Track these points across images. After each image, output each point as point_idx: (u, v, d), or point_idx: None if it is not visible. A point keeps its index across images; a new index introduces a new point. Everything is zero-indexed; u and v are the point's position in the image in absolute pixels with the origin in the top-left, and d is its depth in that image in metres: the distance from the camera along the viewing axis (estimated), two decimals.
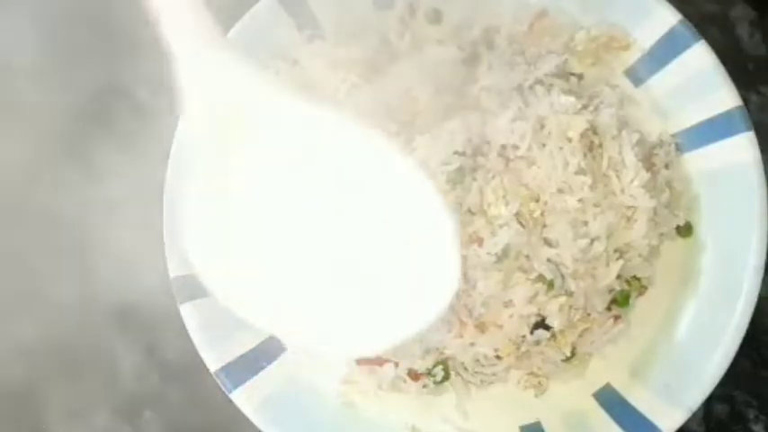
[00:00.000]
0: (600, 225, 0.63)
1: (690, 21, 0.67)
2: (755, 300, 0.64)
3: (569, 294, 0.63)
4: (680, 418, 0.64)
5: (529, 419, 0.67)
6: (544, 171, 0.62)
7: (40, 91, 0.76)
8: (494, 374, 0.66)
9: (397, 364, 0.65)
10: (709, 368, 0.64)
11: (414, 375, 0.66)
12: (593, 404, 0.67)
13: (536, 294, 0.62)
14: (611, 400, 0.66)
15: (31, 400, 0.73)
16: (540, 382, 0.67)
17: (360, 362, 0.67)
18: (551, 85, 0.65)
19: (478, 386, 0.67)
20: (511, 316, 0.63)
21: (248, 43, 0.69)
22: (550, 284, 0.62)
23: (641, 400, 0.66)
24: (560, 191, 0.62)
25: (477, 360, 0.65)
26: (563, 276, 0.63)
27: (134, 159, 0.75)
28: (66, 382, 0.73)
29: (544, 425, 0.67)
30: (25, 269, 0.75)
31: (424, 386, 0.66)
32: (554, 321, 0.63)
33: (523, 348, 0.64)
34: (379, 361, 0.66)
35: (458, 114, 0.64)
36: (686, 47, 0.67)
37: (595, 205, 0.63)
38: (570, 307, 0.64)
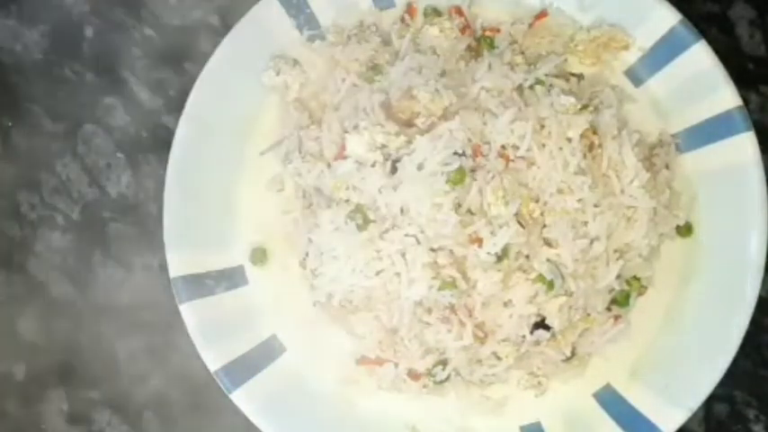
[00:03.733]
0: (600, 225, 0.63)
1: (690, 21, 0.67)
2: (755, 300, 0.64)
3: (569, 294, 0.63)
4: (680, 418, 0.64)
5: (529, 419, 0.67)
6: (544, 171, 0.62)
7: None
8: (494, 375, 0.66)
9: (396, 365, 0.65)
10: (709, 368, 0.64)
11: (414, 375, 0.66)
12: (593, 404, 0.67)
13: (536, 294, 0.62)
14: (611, 400, 0.66)
15: (31, 401, 0.73)
16: (539, 382, 0.67)
17: (360, 361, 0.67)
18: (551, 85, 0.65)
19: (478, 386, 0.67)
20: (510, 316, 0.63)
21: (248, 43, 0.69)
22: (550, 285, 0.62)
23: (641, 400, 0.66)
24: (560, 191, 0.62)
25: (478, 360, 0.65)
26: (563, 276, 0.63)
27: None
28: (66, 382, 0.73)
29: (544, 425, 0.67)
30: (25, 268, 0.75)
31: (424, 386, 0.66)
32: (554, 321, 0.63)
33: (523, 349, 0.64)
34: (378, 361, 0.66)
35: (458, 114, 0.64)
36: (686, 47, 0.67)
37: (595, 205, 0.63)
38: (570, 307, 0.64)
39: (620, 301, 0.66)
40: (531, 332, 0.63)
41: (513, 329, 0.63)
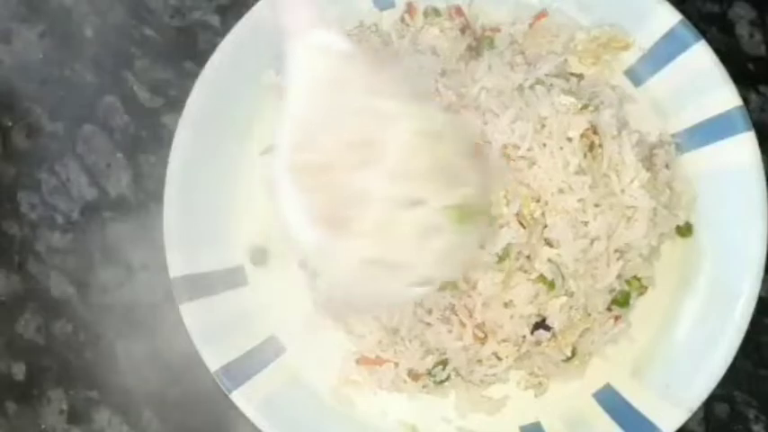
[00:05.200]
0: (600, 225, 0.63)
1: (690, 21, 0.67)
2: (755, 300, 0.64)
3: (570, 294, 0.63)
4: (680, 418, 0.64)
5: (529, 419, 0.67)
6: (545, 171, 0.62)
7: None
8: (494, 375, 0.66)
9: (396, 364, 0.65)
10: (709, 368, 0.64)
11: (414, 375, 0.66)
12: (593, 404, 0.67)
13: (537, 295, 0.62)
14: (611, 400, 0.66)
15: (31, 401, 0.73)
16: (540, 383, 0.67)
17: (360, 361, 0.67)
18: (551, 85, 0.65)
19: (478, 386, 0.67)
20: (511, 317, 0.63)
21: (248, 43, 0.69)
22: (551, 285, 0.62)
23: (641, 400, 0.66)
24: (561, 191, 0.62)
25: (478, 360, 0.65)
26: (563, 277, 0.63)
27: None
28: (66, 382, 0.73)
29: (544, 425, 0.67)
30: (25, 268, 0.75)
31: (424, 386, 0.66)
32: (554, 322, 0.63)
33: (524, 349, 0.64)
34: (378, 361, 0.66)
35: (458, 114, 0.64)
36: (686, 47, 0.67)
37: (596, 205, 0.63)
38: (571, 307, 0.63)
39: (620, 301, 0.66)
40: (532, 332, 0.63)
41: (513, 330, 0.63)
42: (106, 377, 0.73)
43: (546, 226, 0.63)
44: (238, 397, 0.66)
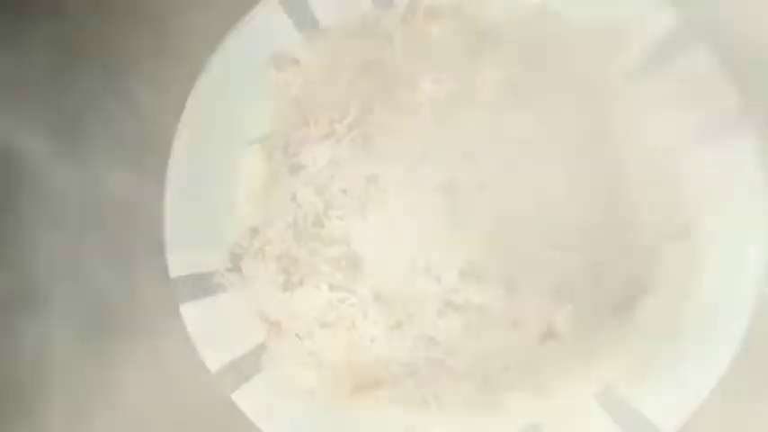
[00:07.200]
0: (606, 228, 0.63)
1: (690, 21, 0.67)
2: (755, 300, 0.65)
3: (576, 300, 0.62)
4: (680, 418, 0.64)
5: (529, 419, 0.67)
6: (553, 167, 0.62)
7: None
8: (500, 385, 0.65)
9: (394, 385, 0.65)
10: (710, 368, 0.64)
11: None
12: (594, 404, 0.67)
13: (541, 309, 0.62)
14: (611, 401, 0.67)
15: (30, 401, 0.73)
16: (540, 385, 0.67)
17: (356, 390, 0.66)
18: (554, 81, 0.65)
19: (482, 393, 0.67)
20: (519, 340, 0.62)
21: (248, 43, 0.69)
22: (557, 293, 0.62)
23: (641, 400, 0.66)
24: (571, 187, 0.62)
25: (485, 376, 0.65)
26: (570, 283, 0.62)
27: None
28: (66, 383, 0.73)
29: (544, 425, 0.67)
30: (25, 269, 0.75)
31: (425, 401, 0.66)
32: (562, 330, 0.63)
33: (531, 359, 0.64)
34: (374, 385, 0.66)
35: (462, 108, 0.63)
36: (686, 47, 0.67)
37: (602, 207, 0.63)
38: (578, 313, 0.63)
39: (624, 303, 0.66)
40: (542, 343, 0.63)
41: (522, 345, 0.63)
42: (106, 378, 0.73)
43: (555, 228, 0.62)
44: (239, 397, 0.66)
